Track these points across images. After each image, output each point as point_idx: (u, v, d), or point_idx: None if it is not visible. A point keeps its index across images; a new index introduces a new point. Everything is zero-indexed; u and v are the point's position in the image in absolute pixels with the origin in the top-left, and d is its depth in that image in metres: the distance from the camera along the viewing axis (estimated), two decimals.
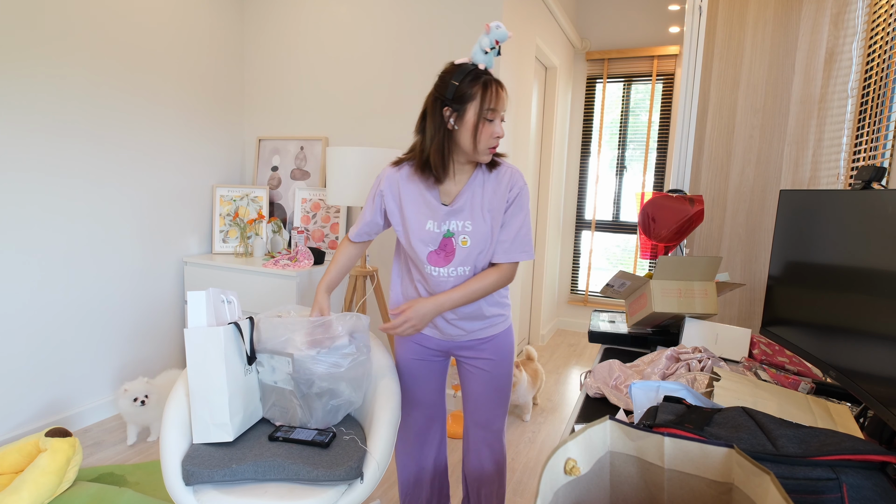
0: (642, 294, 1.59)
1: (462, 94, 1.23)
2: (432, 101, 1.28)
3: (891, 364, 0.82)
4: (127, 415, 2.23)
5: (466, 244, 1.33)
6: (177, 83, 2.74)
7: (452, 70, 1.26)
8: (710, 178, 2.14)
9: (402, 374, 1.56)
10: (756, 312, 2.07)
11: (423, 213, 1.34)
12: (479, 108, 1.23)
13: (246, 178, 3.24)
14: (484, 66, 1.25)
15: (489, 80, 1.24)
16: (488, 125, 1.25)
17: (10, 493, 1.59)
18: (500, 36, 1.22)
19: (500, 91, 1.25)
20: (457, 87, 1.23)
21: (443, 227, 1.33)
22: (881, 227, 0.88)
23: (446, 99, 1.24)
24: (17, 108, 2.11)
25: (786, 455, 0.63)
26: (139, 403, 2.19)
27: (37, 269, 2.23)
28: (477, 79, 1.23)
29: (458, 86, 1.23)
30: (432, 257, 1.34)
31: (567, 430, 1.04)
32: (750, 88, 2.03)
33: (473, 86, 1.22)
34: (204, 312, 1.36)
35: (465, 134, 1.25)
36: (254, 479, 1.32)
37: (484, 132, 1.25)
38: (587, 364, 3.68)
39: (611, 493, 0.66)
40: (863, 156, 1.76)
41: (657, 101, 3.99)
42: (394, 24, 2.73)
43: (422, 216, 1.34)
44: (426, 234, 1.34)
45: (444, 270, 1.35)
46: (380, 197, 1.39)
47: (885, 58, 1.67)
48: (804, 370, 1.31)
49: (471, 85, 1.23)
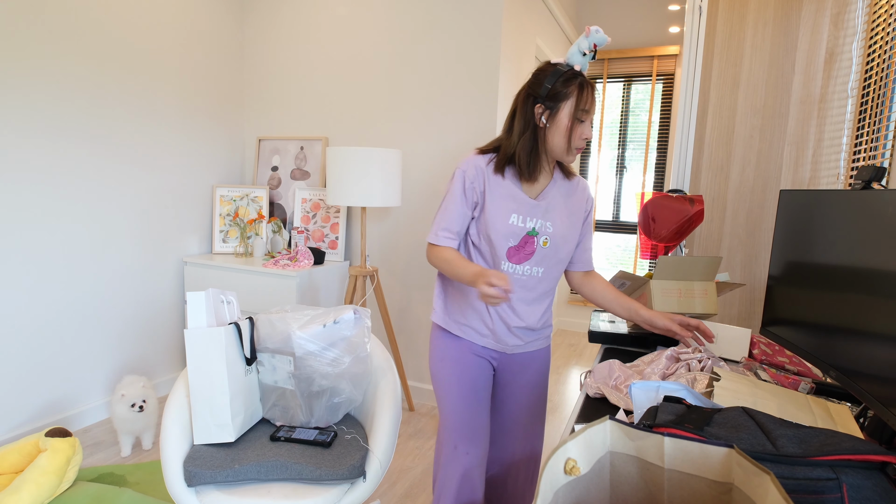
0: (642, 294, 1.60)
1: (556, 92, 1.23)
2: (524, 97, 1.28)
3: (891, 364, 0.82)
4: (121, 422, 2.12)
5: (546, 245, 1.33)
6: (177, 83, 2.74)
7: (548, 69, 1.26)
8: (710, 178, 2.14)
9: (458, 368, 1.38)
10: (756, 312, 2.07)
11: (507, 207, 1.31)
12: (573, 107, 1.23)
13: (246, 178, 3.24)
14: (579, 67, 1.26)
15: (585, 81, 1.24)
16: (579, 126, 1.25)
17: (10, 493, 1.59)
18: (599, 40, 1.22)
19: (594, 93, 1.26)
20: (552, 86, 1.24)
21: (528, 224, 1.31)
22: (881, 227, 0.88)
23: (539, 96, 1.25)
24: (18, 109, 2.11)
25: (786, 455, 0.63)
26: (137, 409, 2.10)
27: (36, 269, 2.23)
28: (573, 79, 1.23)
29: (553, 84, 1.23)
30: (511, 252, 1.31)
31: (567, 430, 1.04)
32: (750, 88, 2.03)
33: (569, 85, 1.23)
34: (204, 313, 1.36)
35: (555, 132, 1.26)
36: (256, 479, 1.32)
37: (575, 132, 1.26)
38: (587, 364, 3.68)
39: (611, 493, 0.66)
40: (863, 156, 1.76)
41: (657, 101, 3.99)
42: (394, 24, 2.73)
43: (506, 209, 1.30)
44: (508, 228, 1.30)
45: (520, 268, 1.33)
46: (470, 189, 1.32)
47: (885, 58, 1.67)
48: (804, 370, 1.31)
49: (566, 84, 1.23)
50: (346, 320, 1.52)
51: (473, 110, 2.60)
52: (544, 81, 1.25)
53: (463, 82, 2.60)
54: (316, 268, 2.66)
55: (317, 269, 2.66)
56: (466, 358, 1.39)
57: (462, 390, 1.37)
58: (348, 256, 2.96)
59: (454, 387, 1.37)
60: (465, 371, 1.38)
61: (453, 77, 2.62)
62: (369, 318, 1.55)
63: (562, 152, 1.29)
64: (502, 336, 1.38)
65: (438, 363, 1.41)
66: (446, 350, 1.40)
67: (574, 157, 1.30)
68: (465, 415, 1.36)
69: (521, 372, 1.45)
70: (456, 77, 2.61)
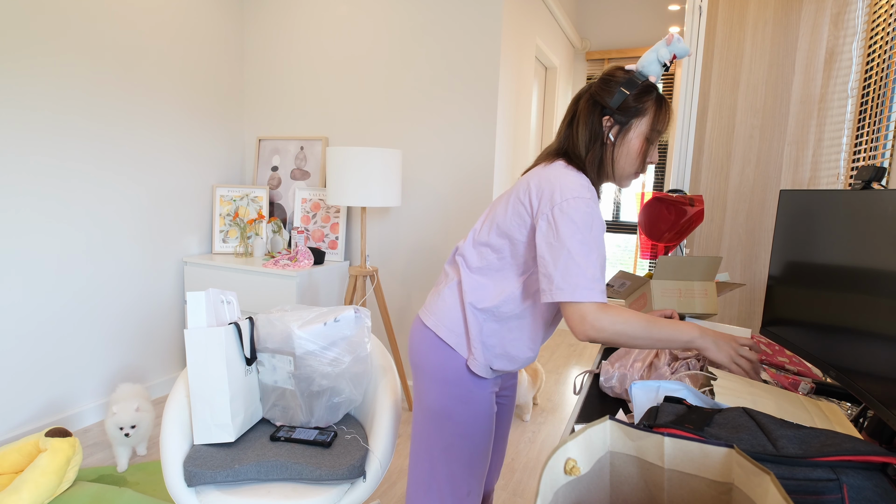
0: (642, 294, 1.60)
1: (630, 106, 1.06)
2: (589, 104, 1.10)
3: (891, 364, 0.82)
4: (113, 437, 2.05)
5: None
6: (177, 83, 2.74)
7: (622, 77, 1.08)
8: (710, 178, 2.14)
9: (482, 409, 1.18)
10: (756, 312, 2.07)
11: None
12: (648, 127, 1.07)
13: (246, 178, 3.24)
14: (654, 78, 1.09)
15: (662, 97, 1.08)
16: (649, 148, 1.09)
17: (10, 493, 1.59)
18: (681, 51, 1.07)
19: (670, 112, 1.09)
20: (626, 98, 1.06)
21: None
22: (881, 227, 0.88)
23: (609, 107, 1.07)
24: (18, 109, 2.11)
25: (786, 455, 0.63)
26: (123, 434, 2.01)
27: (36, 269, 2.23)
28: (649, 93, 1.07)
29: (627, 96, 1.06)
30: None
31: (567, 430, 1.04)
32: (750, 88, 2.03)
33: (646, 100, 1.06)
34: (204, 313, 1.37)
35: (623, 152, 1.08)
36: (256, 479, 1.32)
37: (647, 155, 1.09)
38: (587, 364, 3.68)
39: (611, 493, 0.66)
40: (863, 156, 1.76)
41: None
42: (394, 24, 2.73)
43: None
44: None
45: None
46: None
47: (885, 58, 1.67)
48: (804, 370, 1.31)
49: (643, 99, 1.06)
50: (347, 319, 1.52)
51: (473, 110, 2.60)
52: (616, 90, 1.07)
53: (463, 82, 2.60)
54: (316, 268, 2.66)
55: (317, 269, 2.66)
56: (488, 397, 1.19)
57: (486, 433, 1.19)
58: (348, 256, 2.96)
59: (478, 429, 1.17)
60: (488, 413, 1.19)
61: (453, 77, 2.62)
62: (369, 318, 1.55)
63: (625, 176, 1.12)
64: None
65: (460, 405, 1.16)
66: (472, 393, 1.17)
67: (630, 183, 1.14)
68: (485, 459, 1.20)
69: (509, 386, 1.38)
70: (456, 77, 2.61)
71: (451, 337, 1.15)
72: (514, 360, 1.15)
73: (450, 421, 1.16)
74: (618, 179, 1.13)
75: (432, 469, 1.18)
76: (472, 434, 1.16)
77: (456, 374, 1.15)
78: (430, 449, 1.18)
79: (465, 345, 1.14)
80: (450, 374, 1.15)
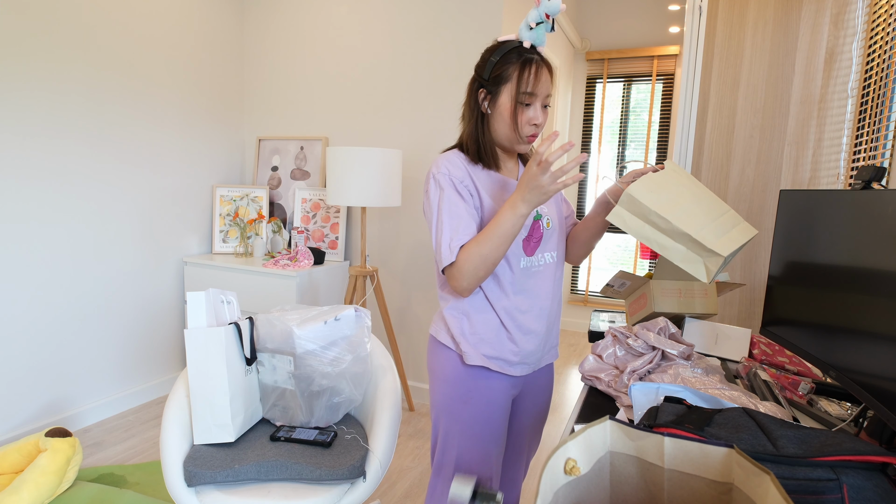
0: (642, 294, 1.59)
1: (498, 74, 1.08)
2: (471, 85, 1.15)
3: (891, 364, 0.82)
4: None
5: (549, 226, 1.19)
6: (177, 83, 2.74)
7: (494, 47, 1.11)
8: (710, 178, 2.14)
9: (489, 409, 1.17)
10: (756, 312, 2.07)
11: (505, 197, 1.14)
12: (514, 90, 1.07)
13: (246, 178, 3.24)
14: (530, 43, 1.09)
15: (529, 59, 1.07)
16: (524, 110, 1.09)
17: (10, 493, 1.59)
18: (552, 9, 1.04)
19: (539, 72, 1.07)
20: (494, 66, 1.08)
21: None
22: (881, 227, 0.88)
23: (482, 80, 1.11)
24: (18, 109, 2.11)
25: (786, 455, 0.63)
26: None
27: (36, 270, 2.23)
28: (513, 58, 1.07)
29: (495, 64, 1.08)
30: (525, 245, 1.14)
31: (567, 430, 1.04)
32: (750, 88, 2.03)
33: (511, 65, 1.07)
34: (204, 313, 1.37)
35: (497, 120, 1.11)
36: (256, 479, 1.32)
37: (521, 119, 1.09)
38: None
39: (611, 493, 0.66)
40: (863, 156, 1.76)
41: (657, 101, 3.99)
42: (394, 24, 2.73)
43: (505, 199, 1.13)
44: None
45: (535, 259, 1.17)
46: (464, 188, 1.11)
47: (885, 58, 1.67)
48: (804, 370, 1.31)
49: (505, 64, 1.07)
50: (347, 317, 1.52)
51: None
52: (488, 60, 1.10)
53: (463, 82, 2.60)
54: (316, 268, 2.66)
55: (317, 269, 2.66)
56: (495, 398, 1.17)
57: (487, 433, 1.17)
58: (348, 256, 2.96)
59: (482, 431, 1.16)
60: (490, 413, 1.17)
61: (453, 77, 2.62)
62: (369, 318, 1.55)
63: (510, 142, 1.13)
64: (541, 357, 1.23)
65: (460, 405, 1.17)
66: (472, 393, 1.17)
67: (525, 146, 1.15)
68: (490, 461, 1.18)
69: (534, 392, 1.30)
70: (456, 77, 2.61)
71: (445, 336, 1.20)
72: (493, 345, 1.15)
73: (452, 418, 1.18)
74: (507, 146, 1.15)
75: (438, 471, 1.21)
76: (473, 434, 1.16)
77: (455, 373, 1.17)
78: (438, 449, 1.21)
79: (451, 340, 1.19)
80: (449, 372, 1.18)
